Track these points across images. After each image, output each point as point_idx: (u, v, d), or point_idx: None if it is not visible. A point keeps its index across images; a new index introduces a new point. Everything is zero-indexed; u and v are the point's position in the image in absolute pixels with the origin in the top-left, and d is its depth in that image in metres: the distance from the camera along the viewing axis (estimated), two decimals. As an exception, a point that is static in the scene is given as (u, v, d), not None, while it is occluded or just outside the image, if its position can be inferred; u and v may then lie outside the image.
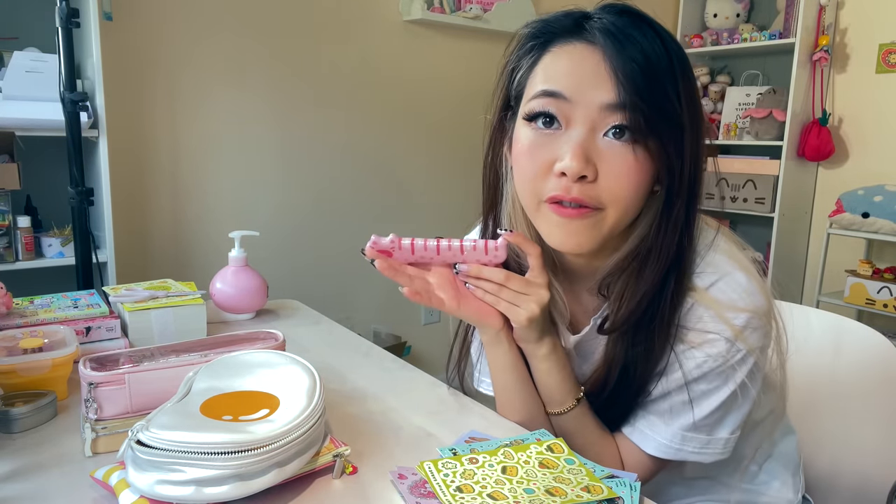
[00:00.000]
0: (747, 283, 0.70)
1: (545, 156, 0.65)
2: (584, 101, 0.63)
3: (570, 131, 0.64)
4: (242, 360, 0.70)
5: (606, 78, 0.62)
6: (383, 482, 0.64)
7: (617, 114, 0.62)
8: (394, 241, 0.68)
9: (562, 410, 0.77)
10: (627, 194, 0.64)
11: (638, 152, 0.63)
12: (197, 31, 2.16)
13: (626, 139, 0.63)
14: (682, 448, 0.73)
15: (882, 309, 2.63)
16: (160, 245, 2.20)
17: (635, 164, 0.63)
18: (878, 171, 2.90)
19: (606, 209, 0.65)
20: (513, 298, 0.70)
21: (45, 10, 1.73)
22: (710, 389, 0.71)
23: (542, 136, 0.66)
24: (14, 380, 0.76)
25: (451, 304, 0.71)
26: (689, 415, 0.72)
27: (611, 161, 0.63)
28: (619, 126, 0.63)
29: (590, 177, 0.63)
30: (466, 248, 0.69)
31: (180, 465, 0.55)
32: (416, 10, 2.53)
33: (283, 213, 2.42)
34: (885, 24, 2.85)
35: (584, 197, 0.64)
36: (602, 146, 0.64)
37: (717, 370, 0.70)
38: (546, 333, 0.74)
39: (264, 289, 1.17)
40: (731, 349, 0.69)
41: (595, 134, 0.64)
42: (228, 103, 2.25)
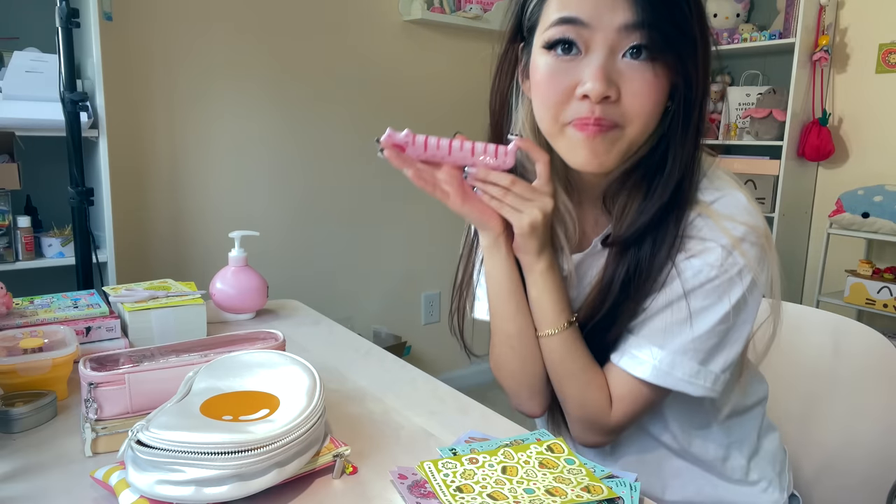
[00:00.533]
0: (747, 203, 0.73)
1: (566, 81, 0.67)
2: (602, 24, 0.65)
3: (590, 55, 0.66)
4: (242, 360, 0.70)
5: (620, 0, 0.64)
6: (383, 482, 0.64)
7: (635, 33, 0.64)
8: (408, 136, 0.69)
9: (551, 332, 0.77)
10: (648, 110, 0.67)
11: (657, 69, 0.66)
12: (197, 31, 2.16)
13: (644, 58, 0.65)
14: (672, 372, 0.72)
15: (882, 309, 2.63)
16: (160, 245, 2.20)
17: (655, 82, 0.66)
18: (878, 171, 2.90)
19: (627, 127, 0.68)
20: (516, 203, 0.71)
21: (45, 10, 1.74)
22: (705, 306, 0.71)
23: (561, 62, 0.67)
24: (14, 380, 0.76)
25: (456, 200, 0.72)
26: (683, 334, 0.72)
27: (632, 80, 0.66)
28: (638, 46, 0.65)
29: (612, 97, 0.66)
30: (477, 149, 0.71)
31: (180, 465, 0.55)
32: (416, 10, 2.53)
33: (284, 212, 2.42)
34: (885, 24, 2.85)
35: (606, 117, 0.66)
36: (622, 67, 0.66)
37: (713, 283, 0.71)
38: (545, 248, 0.75)
39: (264, 289, 1.17)
40: (727, 258, 0.70)
41: (615, 56, 0.66)
42: (228, 103, 2.25)
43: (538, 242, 0.73)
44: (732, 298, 0.71)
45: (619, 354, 0.76)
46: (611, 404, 0.77)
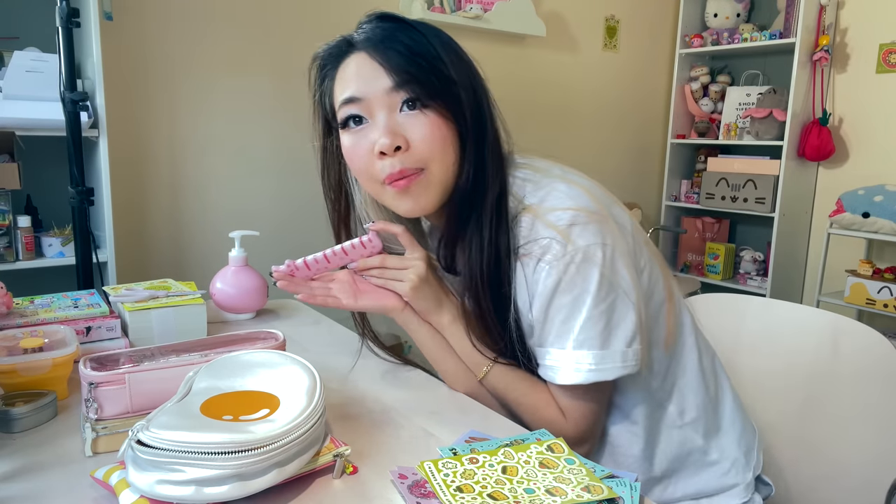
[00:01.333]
0: (568, 189, 0.78)
1: (365, 146, 0.78)
2: (373, 93, 0.76)
3: (374, 120, 0.77)
4: (242, 360, 0.70)
5: (379, 69, 0.76)
6: (383, 482, 0.64)
7: (399, 93, 0.76)
8: (290, 265, 0.81)
9: (484, 373, 0.83)
10: (437, 148, 0.76)
11: (430, 114, 0.76)
12: (197, 30, 2.16)
13: (417, 107, 0.76)
14: (580, 367, 0.76)
15: (882, 309, 2.63)
16: (160, 245, 2.20)
17: (433, 124, 0.76)
18: (879, 170, 2.90)
19: (427, 168, 0.77)
20: (394, 275, 0.83)
21: (46, 10, 1.74)
22: (573, 299, 0.75)
23: (356, 133, 0.79)
24: (14, 379, 0.76)
25: (348, 301, 0.83)
26: (570, 331, 0.76)
27: (414, 127, 0.76)
28: (406, 100, 0.76)
29: (403, 146, 0.76)
30: (347, 248, 0.82)
31: (180, 464, 0.55)
32: (417, 10, 2.53)
33: (284, 212, 2.42)
34: (885, 24, 2.85)
35: (406, 165, 0.76)
36: (402, 120, 0.76)
37: (566, 276, 0.74)
38: (443, 301, 0.84)
39: (264, 289, 1.17)
40: (565, 249, 0.74)
41: (394, 114, 0.76)
42: (229, 103, 2.25)
43: (430, 300, 0.83)
44: (592, 280, 0.74)
45: (540, 369, 0.80)
46: (564, 416, 0.80)
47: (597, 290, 0.74)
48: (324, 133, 0.87)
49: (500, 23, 2.71)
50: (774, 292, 3.08)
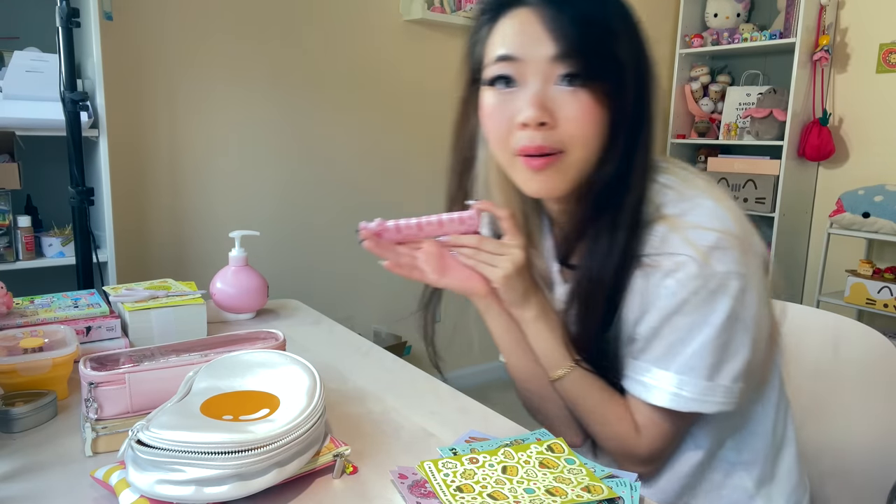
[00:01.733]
0: (715, 207, 0.73)
1: (508, 112, 0.72)
2: (532, 58, 0.70)
3: (526, 87, 0.70)
4: (243, 360, 0.70)
5: (544, 34, 0.69)
6: (383, 482, 0.64)
7: (562, 63, 0.69)
8: (380, 224, 0.75)
9: (560, 375, 0.79)
10: (584, 133, 0.70)
11: (590, 94, 0.69)
12: (197, 30, 2.16)
13: (575, 84, 0.69)
14: (681, 393, 0.72)
15: (882, 309, 2.63)
16: (160, 244, 2.20)
17: (587, 105, 0.69)
18: (879, 170, 2.90)
19: (568, 151, 0.71)
20: (488, 259, 0.76)
21: (46, 9, 1.73)
22: (694, 323, 0.71)
23: (502, 95, 0.72)
24: (14, 379, 0.76)
25: (433, 276, 0.78)
26: (682, 353, 0.72)
27: (565, 105, 0.69)
28: (567, 74, 0.69)
29: (549, 123, 0.69)
30: (444, 220, 0.76)
31: (180, 464, 0.55)
32: (416, 10, 2.53)
33: (284, 212, 2.42)
34: (885, 24, 2.85)
35: (546, 143, 0.70)
36: (556, 94, 0.70)
37: (695, 299, 0.70)
38: (530, 296, 0.78)
39: (264, 288, 1.17)
40: (701, 271, 0.69)
41: (548, 85, 0.70)
42: (229, 103, 2.25)
43: (519, 292, 0.77)
44: (721, 310, 0.70)
45: (628, 381, 0.76)
46: (637, 433, 0.76)
47: (722, 322, 0.70)
48: (468, 82, 0.80)
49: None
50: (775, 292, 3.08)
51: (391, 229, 0.76)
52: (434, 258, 0.78)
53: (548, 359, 0.80)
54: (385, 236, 0.77)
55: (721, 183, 3.23)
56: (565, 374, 0.78)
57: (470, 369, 2.94)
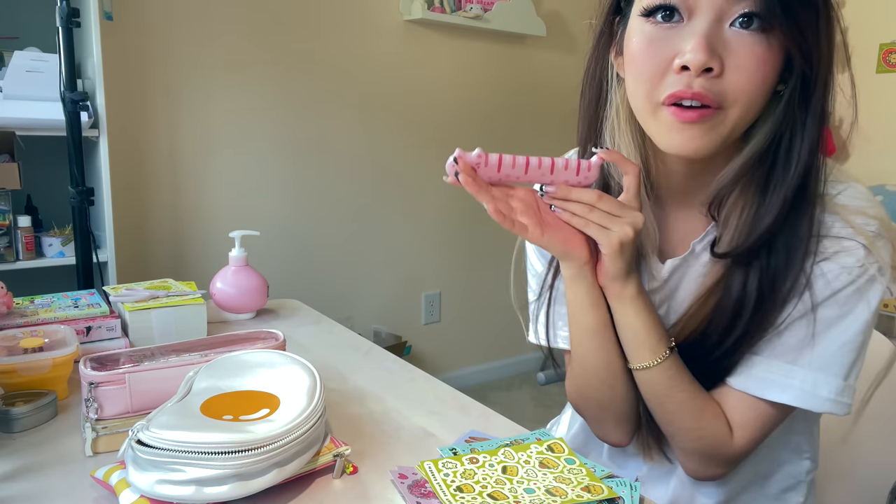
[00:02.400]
0: (869, 193, 0.66)
1: (665, 51, 0.60)
2: None
3: (692, 22, 0.59)
4: (243, 360, 0.70)
5: None
6: (383, 482, 0.64)
7: (743, 1, 0.57)
8: (480, 155, 0.62)
9: (650, 363, 0.69)
10: (754, 89, 0.60)
11: (771, 42, 0.58)
12: (197, 30, 2.16)
13: (755, 28, 0.58)
14: (816, 392, 0.65)
15: (882, 309, 2.63)
16: (160, 244, 2.20)
17: (766, 56, 0.59)
18: (879, 170, 2.90)
19: (729, 108, 0.61)
20: (604, 220, 0.64)
21: (46, 9, 1.73)
22: (843, 314, 0.64)
23: (661, 30, 0.61)
24: (14, 379, 0.76)
25: (535, 232, 0.65)
26: (823, 348, 0.65)
27: (739, 53, 0.58)
28: (749, 14, 0.58)
29: (715, 70, 0.59)
30: (557, 166, 0.64)
31: (181, 464, 0.55)
32: (417, 10, 2.53)
33: (284, 212, 2.42)
34: (885, 24, 2.85)
35: (707, 93, 0.59)
36: (729, 37, 0.59)
37: (850, 288, 0.64)
38: (633, 271, 0.68)
39: (264, 288, 1.17)
40: (867, 258, 0.63)
41: (721, 24, 0.59)
42: (229, 103, 2.25)
43: (626, 264, 0.66)
44: (872, 303, 0.64)
45: (742, 378, 0.69)
46: (731, 432, 0.70)
47: (871, 315, 0.64)
48: (608, 11, 0.68)
49: (500, 23, 2.71)
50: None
51: (492, 165, 0.63)
52: (531, 210, 0.65)
53: (642, 342, 0.69)
54: (481, 172, 0.63)
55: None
56: (659, 362, 0.69)
57: (470, 369, 2.94)
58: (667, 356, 0.69)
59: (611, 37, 0.69)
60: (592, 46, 0.71)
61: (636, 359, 0.70)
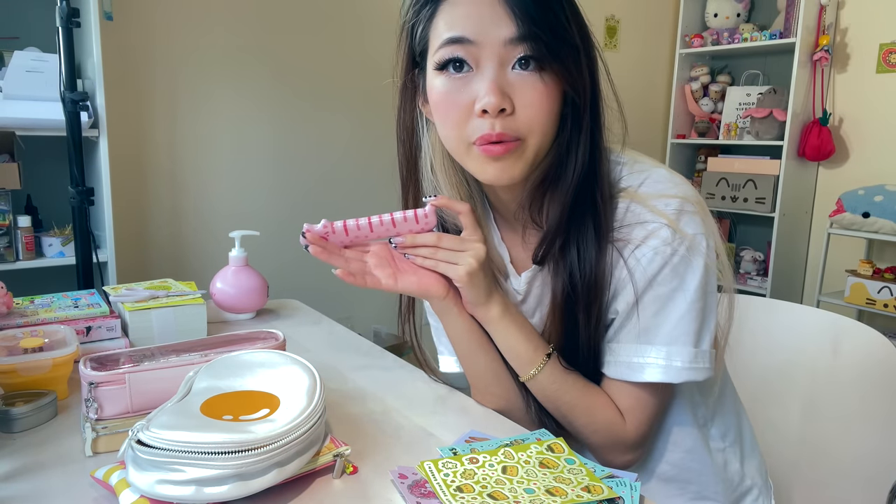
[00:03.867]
0: (670, 175, 0.73)
1: (463, 99, 0.68)
2: (488, 40, 0.66)
3: (481, 71, 0.67)
4: (243, 360, 0.70)
5: (504, 15, 0.65)
6: (383, 482, 0.64)
7: (521, 46, 0.66)
8: (326, 226, 0.69)
9: (534, 372, 0.76)
10: (543, 120, 0.68)
11: (545, 78, 0.67)
12: (197, 30, 2.16)
13: (532, 68, 0.67)
14: (671, 363, 0.71)
15: (882, 309, 2.63)
16: (160, 245, 2.20)
17: (545, 90, 0.67)
18: (879, 170, 2.90)
19: (527, 138, 0.69)
20: (449, 257, 0.72)
21: (46, 9, 1.74)
22: (674, 288, 0.71)
23: (455, 81, 0.68)
24: (14, 379, 0.76)
25: (389, 282, 0.73)
26: (666, 323, 0.71)
27: (523, 91, 0.67)
28: (525, 57, 0.66)
29: (508, 109, 0.67)
30: (397, 220, 0.71)
31: (181, 464, 0.55)
32: (417, 10, 2.53)
33: (284, 212, 2.42)
34: (885, 24, 2.85)
35: (507, 131, 0.67)
36: (513, 79, 0.67)
37: (670, 264, 0.70)
38: (493, 293, 0.75)
39: (264, 288, 1.17)
40: (673, 237, 0.70)
41: (505, 69, 0.67)
42: (228, 103, 2.25)
43: (482, 289, 0.74)
44: (697, 272, 0.70)
45: (611, 366, 0.75)
46: (623, 419, 0.75)
47: (699, 284, 0.70)
48: (406, 67, 0.76)
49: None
50: (774, 292, 3.08)
51: (339, 231, 0.70)
52: (385, 261, 0.73)
53: (519, 356, 0.76)
54: (332, 239, 0.71)
55: (721, 183, 3.23)
56: (540, 369, 0.75)
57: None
58: (545, 363, 0.75)
59: (415, 89, 0.76)
60: (399, 100, 0.78)
61: (521, 372, 0.77)
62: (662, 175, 0.73)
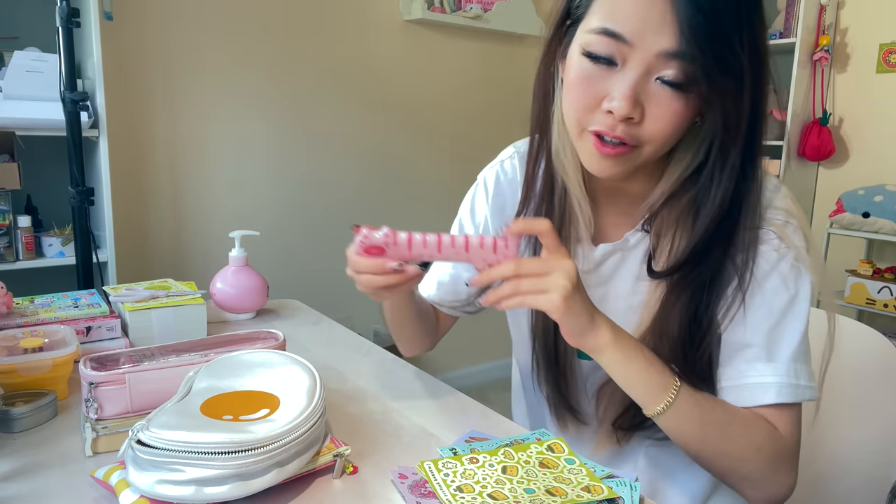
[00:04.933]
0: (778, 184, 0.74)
1: (596, 91, 0.65)
2: (644, 45, 0.61)
3: (624, 70, 0.63)
4: (243, 360, 0.70)
5: (670, 24, 0.60)
6: (383, 482, 0.64)
7: (673, 62, 0.61)
8: (388, 235, 0.59)
9: (671, 398, 0.65)
10: (668, 134, 0.65)
11: (689, 100, 0.63)
12: (197, 30, 2.16)
13: (675, 87, 0.62)
14: (798, 383, 0.68)
15: (882, 309, 2.63)
16: (160, 245, 2.20)
17: (682, 110, 0.63)
18: (879, 170, 2.90)
19: (644, 146, 0.66)
20: (535, 285, 0.61)
21: (46, 9, 1.74)
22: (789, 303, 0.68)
23: (596, 69, 0.65)
24: (14, 379, 0.76)
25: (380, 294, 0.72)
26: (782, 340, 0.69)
27: (659, 105, 0.63)
28: (673, 79, 0.62)
29: (636, 119, 0.64)
30: (472, 245, 0.60)
31: (181, 464, 0.55)
32: (416, 10, 2.53)
33: (284, 212, 2.42)
34: (885, 24, 2.85)
35: (625, 136, 0.65)
36: (653, 89, 0.63)
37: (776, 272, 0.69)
38: (596, 315, 0.65)
39: (264, 288, 1.17)
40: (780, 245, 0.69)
41: (649, 77, 0.63)
42: (228, 103, 2.25)
43: (583, 314, 0.63)
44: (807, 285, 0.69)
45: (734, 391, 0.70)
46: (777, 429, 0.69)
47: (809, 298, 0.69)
48: (560, 20, 0.71)
49: (500, 23, 2.71)
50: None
51: (402, 245, 0.59)
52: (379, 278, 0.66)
53: (649, 383, 0.66)
54: (389, 253, 0.60)
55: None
56: (677, 392, 0.66)
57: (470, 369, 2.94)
58: (679, 385, 0.66)
59: (559, 44, 0.72)
60: (542, 52, 0.74)
61: (653, 403, 0.66)
62: (773, 184, 0.72)
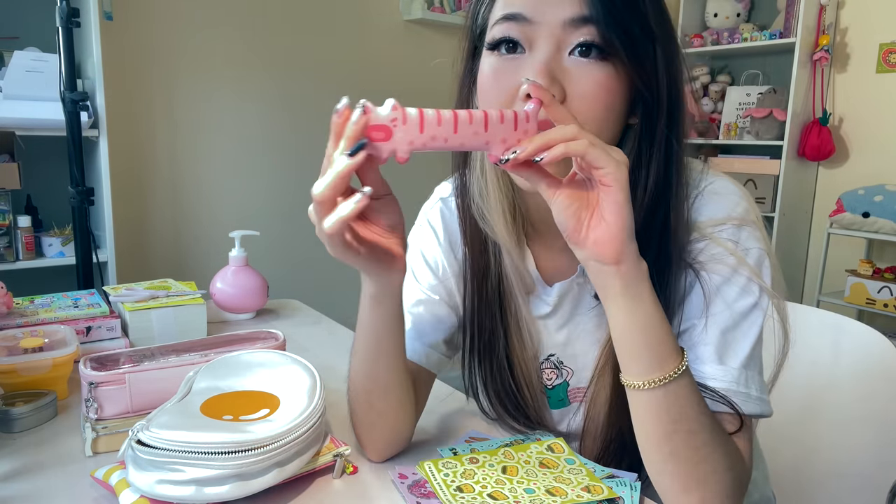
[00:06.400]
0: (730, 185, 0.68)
1: (509, 81, 0.59)
2: (545, 18, 0.57)
3: (533, 53, 0.58)
4: (243, 360, 0.70)
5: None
6: (383, 482, 0.64)
7: (583, 29, 0.56)
8: (396, 110, 0.52)
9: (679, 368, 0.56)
10: (598, 115, 0.58)
11: (609, 69, 0.57)
12: (197, 30, 2.16)
13: (594, 56, 0.57)
14: (749, 392, 0.62)
15: (882, 309, 2.63)
16: (160, 244, 2.20)
17: (608, 82, 0.57)
18: (879, 170, 2.90)
19: None
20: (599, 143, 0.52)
21: (46, 9, 1.74)
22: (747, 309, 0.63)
23: (505, 61, 0.60)
24: (14, 379, 0.76)
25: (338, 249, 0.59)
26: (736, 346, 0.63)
27: (580, 80, 0.57)
28: (586, 43, 0.57)
29: (558, 97, 0.56)
30: (492, 119, 0.52)
31: (181, 464, 0.55)
32: (416, 10, 2.53)
33: (284, 212, 2.42)
34: (885, 24, 2.85)
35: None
36: (568, 65, 0.57)
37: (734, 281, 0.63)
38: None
39: (264, 288, 1.17)
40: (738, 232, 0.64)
41: (561, 53, 0.58)
42: (228, 103, 2.25)
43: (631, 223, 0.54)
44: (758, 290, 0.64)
45: None
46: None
47: (762, 302, 0.64)
48: (467, 56, 0.68)
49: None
50: (775, 292, 3.08)
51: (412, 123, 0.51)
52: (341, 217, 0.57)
53: (660, 346, 0.56)
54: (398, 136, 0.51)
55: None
56: (683, 365, 0.57)
57: (470, 369, 2.93)
58: (684, 362, 0.57)
59: (472, 78, 0.67)
60: (458, 89, 0.70)
61: (657, 369, 0.56)
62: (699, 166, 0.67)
